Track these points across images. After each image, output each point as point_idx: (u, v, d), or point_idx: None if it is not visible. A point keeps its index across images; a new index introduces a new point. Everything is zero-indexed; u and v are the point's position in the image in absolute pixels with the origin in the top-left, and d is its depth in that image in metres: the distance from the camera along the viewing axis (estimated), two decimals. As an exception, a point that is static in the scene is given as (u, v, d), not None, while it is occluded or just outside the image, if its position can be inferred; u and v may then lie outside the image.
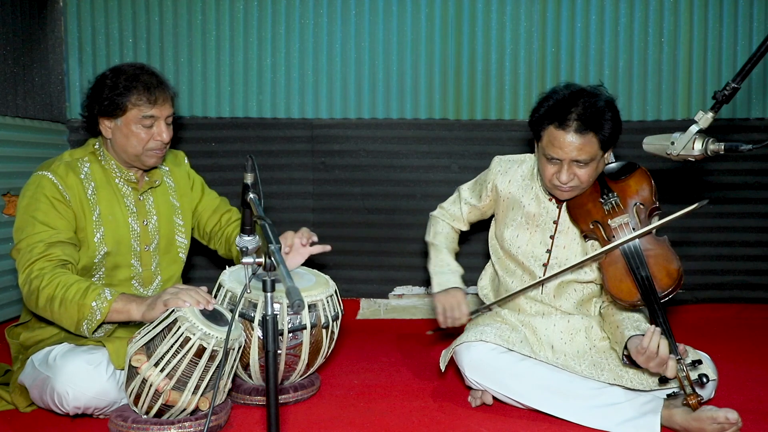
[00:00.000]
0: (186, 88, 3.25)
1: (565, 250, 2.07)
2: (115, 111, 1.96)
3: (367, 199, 3.29)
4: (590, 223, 2.00)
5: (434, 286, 2.21)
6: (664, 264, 1.90)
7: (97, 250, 1.98)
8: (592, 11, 3.22)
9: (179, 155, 2.31)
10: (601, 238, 1.97)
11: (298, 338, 1.98)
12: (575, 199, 2.04)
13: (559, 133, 1.90)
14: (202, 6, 3.22)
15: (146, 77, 1.99)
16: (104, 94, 1.97)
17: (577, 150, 1.89)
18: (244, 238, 1.76)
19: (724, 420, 1.72)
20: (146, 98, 1.96)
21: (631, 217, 1.97)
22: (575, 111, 1.89)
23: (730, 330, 3.01)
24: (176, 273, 2.21)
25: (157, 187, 2.15)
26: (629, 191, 2.02)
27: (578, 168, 1.93)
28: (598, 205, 2.01)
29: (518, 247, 2.11)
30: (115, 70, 2.01)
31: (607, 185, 2.04)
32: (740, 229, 3.29)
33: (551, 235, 2.08)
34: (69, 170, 1.96)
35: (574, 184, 1.95)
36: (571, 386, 1.89)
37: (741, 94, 3.19)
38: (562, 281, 2.07)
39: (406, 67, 3.25)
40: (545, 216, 2.09)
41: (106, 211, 2.00)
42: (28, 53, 2.95)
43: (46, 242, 1.85)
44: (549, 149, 1.93)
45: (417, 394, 2.17)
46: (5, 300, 2.83)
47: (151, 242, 2.10)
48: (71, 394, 1.77)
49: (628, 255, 1.93)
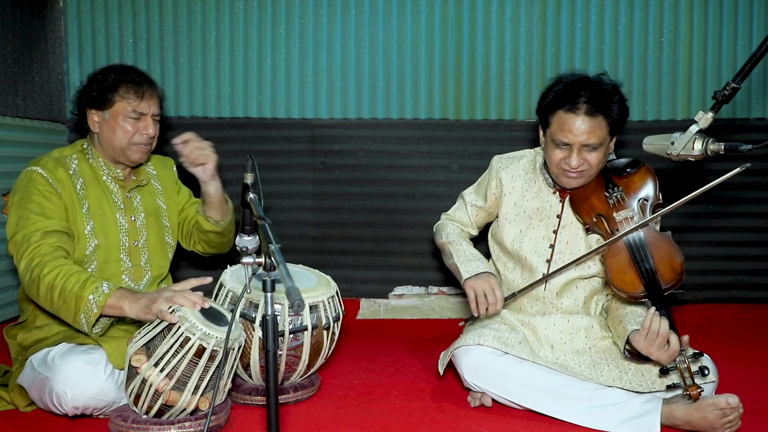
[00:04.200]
0: (186, 88, 3.25)
1: (569, 245, 2.07)
2: (103, 103, 2.03)
3: (367, 199, 3.29)
4: (594, 216, 2.01)
5: (463, 274, 2.07)
6: (668, 258, 1.91)
7: (88, 242, 1.99)
8: (592, 11, 3.22)
9: (168, 161, 2.34)
10: (605, 231, 1.98)
11: (299, 339, 1.98)
12: (579, 192, 2.05)
13: (569, 116, 1.92)
14: (202, 6, 3.22)
15: (134, 74, 2.07)
16: (94, 87, 2.04)
17: (587, 134, 1.91)
18: (244, 238, 1.76)
19: (726, 405, 1.73)
20: (134, 92, 2.03)
21: (636, 212, 1.98)
22: (584, 95, 1.92)
23: (730, 330, 3.01)
24: (165, 269, 2.22)
25: (144, 186, 2.18)
26: (634, 186, 2.03)
27: (588, 153, 1.94)
28: (603, 198, 2.02)
29: (521, 243, 2.10)
30: (106, 68, 2.10)
31: (611, 180, 2.05)
32: (740, 229, 3.29)
33: (554, 229, 2.08)
34: (58, 165, 1.99)
35: (583, 168, 1.96)
36: (570, 388, 1.89)
37: (741, 94, 3.19)
38: (567, 280, 2.07)
39: (406, 67, 3.25)
40: (548, 210, 2.10)
41: (94, 206, 2.03)
42: (28, 53, 2.95)
43: (42, 231, 1.86)
44: (559, 134, 1.94)
45: (417, 395, 2.17)
46: (5, 300, 2.83)
47: (139, 238, 2.12)
48: (70, 394, 1.77)
49: (633, 247, 1.94)
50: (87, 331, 1.80)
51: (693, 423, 1.77)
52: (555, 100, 1.96)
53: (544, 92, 2.03)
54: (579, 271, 2.06)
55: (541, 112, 2.02)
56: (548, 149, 2.01)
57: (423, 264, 3.31)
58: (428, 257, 3.30)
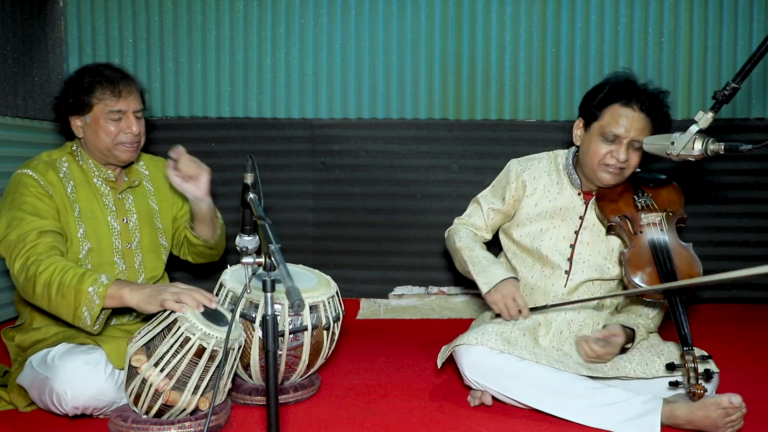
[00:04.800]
0: (186, 88, 3.25)
1: (589, 247, 2.10)
2: (82, 108, 2.00)
3: (367, 199, 3.30)
4: (619, 215, 2.03)
5: (482, 288, 2.07)
6: (688, 266, 1.94)
7: (81, 246, 1.98)
8: (592, 11, 3.22)
9: (161, 161, 2.31)
10: (628, 231, 2.01)
11: (299, 339, 1.98)
12: (607, 192, 2.09)
13: (625, 110, 1.98)
14: (202, 6, 3.22)
15: (109, 72, 2.02)
16: (70, 92, 2.01)
17: (638, 130, 1.97)
18: (244, 238, 1.76)
19: (729, 404, 1.73)
20: (110, 92, 1.99)
21: (662, 219, 2.01)
22: (641, 93, 1.99)
23: (730, 330, 3.01)
24: (159, 271, 2.21)
25: (136, 187, 2.16)
26: (661, 198, 2.09)
27: (632, 151, 1.99)
28: (631, 201, 2.07)
29: (541, 241, 2.12)
30: (80, 70, 2.06)
31: (641, 188, 2.11)
32: (740, 229, 3.29)
33: (575, 230, 2.10)
34: (48, 168, 1.98)
35: (624, 165, 2.00)
36: (571, 386, 1.89)
37: (741, 94, 3.19)
38: (587, 279, 2.09)
39: (406, 67, 3.25)
40: (571, 210, 2.12)
41: (85, 209, 2.01)
42: (28, 53, 2.95)
43: (38, 231, 1.84)
44: (612, 126, 1.98)
45: (417, 394, 2.17)
46: (5, 300, 2.83)
47: (132, 240, 2.10)
48: (69, 394, 1.76)
49: (656, 247, 1.96)
50: (89, 325, 1.76)
51: (695, 422, 1.77)
52: (612, 93, 2.01)
53: (595, 88, 2.08)
54: (599, 273, 2.08)
55: (593, 106, 2.04)
56: (591, 144, 2.03)
57: (423, 264, 3.32)
58: (428, 257, 3.30)
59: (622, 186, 2.10)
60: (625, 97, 1.98)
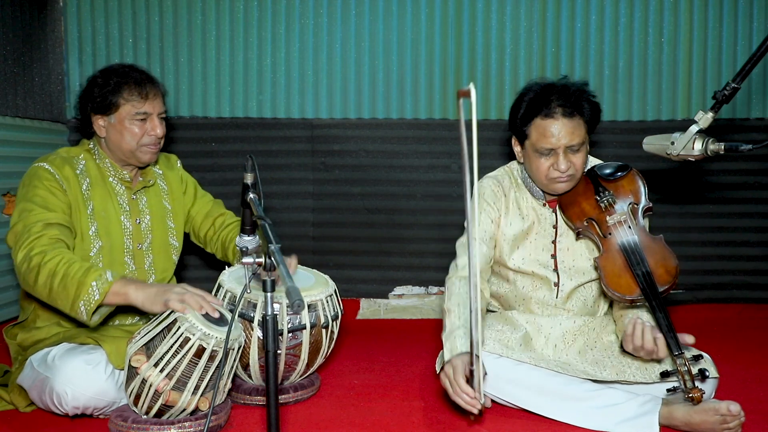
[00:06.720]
0: (186, 88, 3.25)
1: (570, 252, 2.08)
2: (108, 108, 2.00)
3: (367, 199, 3.30)
4: (585, 220, 2.01)
5: (437, 363, 2.02)
6: (663, 261, 1.91)
7: (92, 244, 1.99)
8: (592, 11, 3.22)
9: (172, 158, 2.32)
10: (597, 234, 1.99)
11: (298, 338, 1.98)
12: (568, 197, 2.06)
13: (547, 122, 1.93)
14: (202, 6, 3.22)
15: (136, 74, 2.03)
16: (96, 92, 2.00)
17: (569, 135, 1.93)
18: (244, 238, 1.76)
19: (727, 411, 1.73)
20: (138, 93, 2.00)
21: (627, 215, 1.98)
22: (555, 98, 1.94)
23: (730, 330, 3.01)
24: (170, 272, 2.21)
25: (151, 186, 2.16)
26: (623, 190, 2.04)
27: (572, 155, 1.96)
28: (594, 202, 2.03)
29: (522, 259, 2.10)
30: (105, 70, 2.05)
31: (601, 184, 2.06)
32: (740, 229, 3.29)
33: (552, 240, 2.09)
34: (65, 163, 1.98)
35: (571, 172, 1.97)
36: (569, 388, 1.89)
37: (741, 94, 3.19)
38: (578, 284, 2.08)
39: (406, 67, 3.25)
40: (544, 222, 2.10)
41: (99, 208, 2.02)
42: (28, 53, 2.95)
43: (44, 222, 1.85)
44: (541, 142, 1.95)
45: (417, 394, 2.17)
46: (5, 300, 2.83)
47: (143, 241, 2.11)
48: (70, 394, 1.76)
49: (627, 251, 1.93)
50: (85, 319, 1.75)
51: (693, 425, 1.77)
52: (529, 110, 1.97)
53: (513, 107, 2.03)
54: (588, 276, 2.08)
55: (517, 126, 2.01)
56: (531, 161, 2.00)
57: (423, 264, 3.32)
58: (428, 257, 3.30)
59: (582, 186, 2.06)
60: (544, 108, 1.93)
